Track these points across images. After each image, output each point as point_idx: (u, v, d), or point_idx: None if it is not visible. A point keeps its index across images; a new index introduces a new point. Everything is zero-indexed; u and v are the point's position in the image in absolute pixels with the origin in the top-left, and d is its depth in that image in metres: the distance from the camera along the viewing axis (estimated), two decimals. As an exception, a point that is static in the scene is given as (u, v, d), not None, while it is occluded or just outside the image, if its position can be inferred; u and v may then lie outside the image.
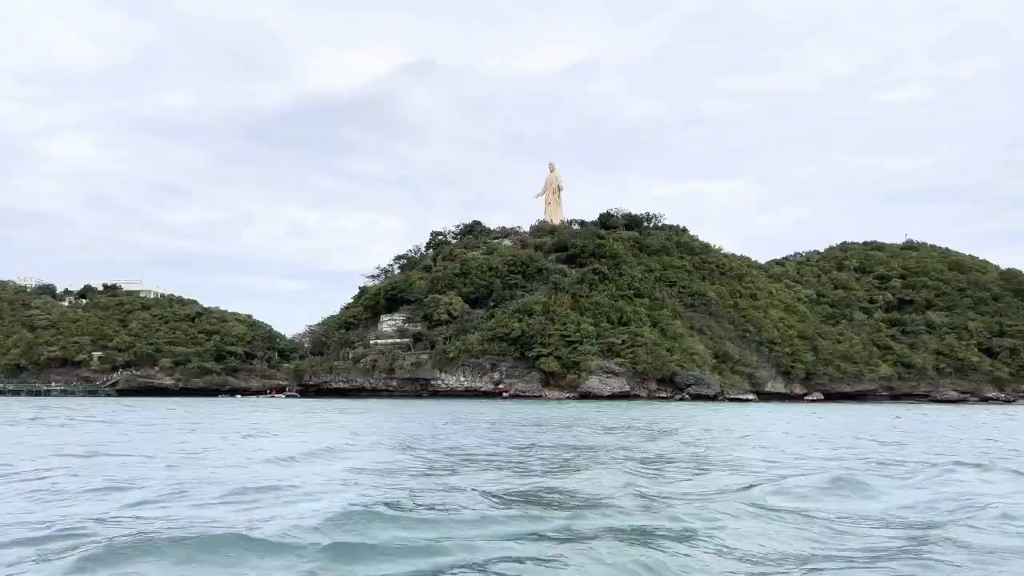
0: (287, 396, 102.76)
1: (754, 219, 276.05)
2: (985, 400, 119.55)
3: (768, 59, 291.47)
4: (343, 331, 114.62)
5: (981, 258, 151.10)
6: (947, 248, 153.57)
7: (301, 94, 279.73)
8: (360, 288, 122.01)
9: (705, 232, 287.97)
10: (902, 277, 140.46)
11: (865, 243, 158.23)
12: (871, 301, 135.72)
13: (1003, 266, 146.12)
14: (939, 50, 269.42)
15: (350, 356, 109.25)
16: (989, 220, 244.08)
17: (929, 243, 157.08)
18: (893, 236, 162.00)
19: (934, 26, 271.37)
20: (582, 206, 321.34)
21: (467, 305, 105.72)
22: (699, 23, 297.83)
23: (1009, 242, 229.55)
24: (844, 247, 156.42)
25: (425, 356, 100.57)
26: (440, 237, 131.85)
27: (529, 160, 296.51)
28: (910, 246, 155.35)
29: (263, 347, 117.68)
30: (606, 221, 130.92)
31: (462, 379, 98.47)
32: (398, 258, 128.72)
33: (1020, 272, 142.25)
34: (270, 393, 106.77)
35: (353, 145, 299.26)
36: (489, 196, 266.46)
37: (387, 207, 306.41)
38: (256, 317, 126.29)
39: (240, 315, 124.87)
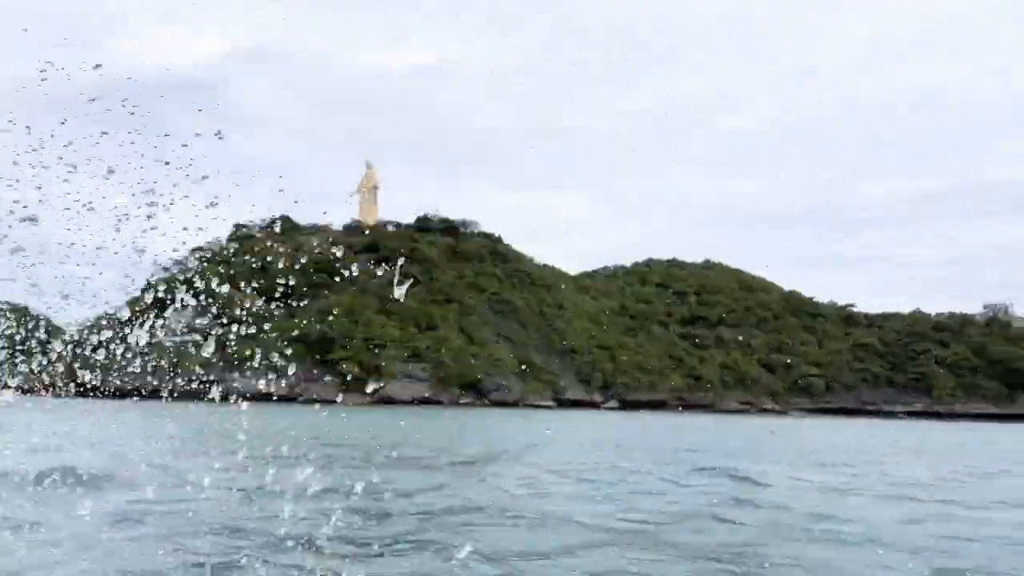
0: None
1: (595, 232, 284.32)
2: (763, 411, 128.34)
3: (620, 78, 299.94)
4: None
5: (770, 280, 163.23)
6: (739, 269, 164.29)
7: (122, 72, 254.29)
8: (147, 280, 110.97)
9: (545, 244, 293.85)
10: (697, 294, 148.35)
11: (668, 260, 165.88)
12: (668, 315, 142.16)
13: (823, 290, 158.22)
14: (777, 86, 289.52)
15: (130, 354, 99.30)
16: (816, 244, 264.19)
17: (724, 263, 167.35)
18: (720, 255, 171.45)
19: (774, 63, 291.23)
20: (419, 209, 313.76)
21: (265, 303, 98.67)
22: (555, 38, 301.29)
23: (826, 264, 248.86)
24: (648, 263, 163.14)
25: (214, 357, 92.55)
26: (244, 230, 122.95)
27: (375, 159, 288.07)
28: (707, 265, 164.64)
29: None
30: (423, 224, 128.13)
31: (253, 382, 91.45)
32: (195, 250, 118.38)
33: (799, 294, 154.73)
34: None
35: (177, 130, 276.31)
36: (329, 193, 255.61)
37: (216, 198, 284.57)
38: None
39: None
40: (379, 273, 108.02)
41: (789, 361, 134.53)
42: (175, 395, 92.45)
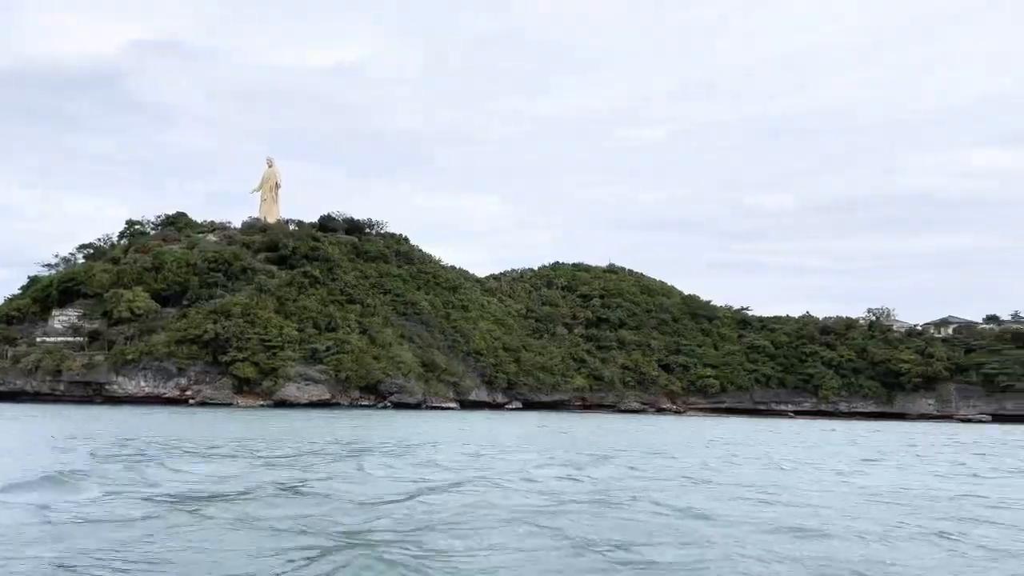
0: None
1: (506, 236, 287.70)
2: (661, 410, 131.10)
3: (530, 86, 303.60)
4: (3, 325, 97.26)
5: (670, 284, 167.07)
6: (641, 273, 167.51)
7: (18, 60, 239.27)
8: (30, 277, 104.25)
9: (457, 246, 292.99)
10: (601, 297, 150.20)
11: (574, 264, 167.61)
12: (573, 318, 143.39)
13: (717, 296, 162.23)
14: (676, 99, 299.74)
15: (9, 355, 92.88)
16: (705, 251, 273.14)
17: (627, 268, 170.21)
18: (623, 260, 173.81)
19: (675, 76, 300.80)
20: (334, 208, 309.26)
21: (156, 303, 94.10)
22: (468, 43, 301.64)
23: (716, 271, 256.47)
24: (555, 267, 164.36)
25: (100, 357, 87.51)
26: (137, 227, 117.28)
27: (288, 157, 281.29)
28: (611, 269, 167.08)
29: None
30: (326, 223, 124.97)
31: (143, 384, 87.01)
32: (83, 247, 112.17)
33: (697, 298, 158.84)
34: None
35: (79, 121, 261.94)
36: (241, 190, 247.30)
37: (119, 192, 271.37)
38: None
39: None
40: (280, 273, 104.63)
41: (686, 362, 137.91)
42: (58, 398, 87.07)
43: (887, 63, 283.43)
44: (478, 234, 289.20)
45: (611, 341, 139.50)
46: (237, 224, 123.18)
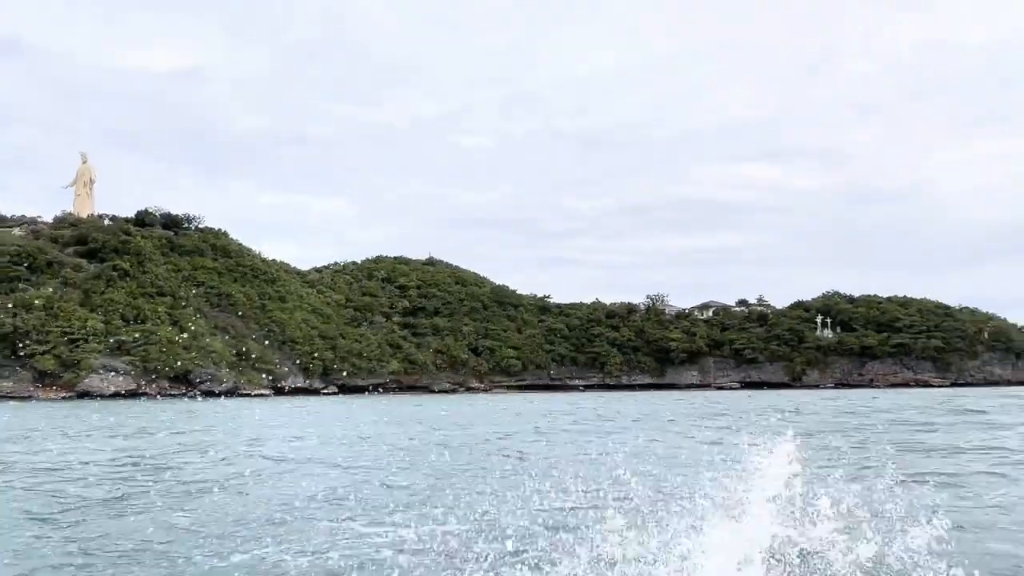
0: None
1: (351, 232, 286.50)
2: (470, 389, 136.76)
3: (367, 93, 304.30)
4: None
5: (483, 275, 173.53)
6: (457, 266, 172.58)
7: None
8: None
9: (307, 243, 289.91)
10: (418, 288, 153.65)
11: (396, 258, 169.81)
12: (391, 307, 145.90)
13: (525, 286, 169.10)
14: (501, 110, 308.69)
15: None
16: (527, 248, 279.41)
17: (444, 261, 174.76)
18: (453, 255, 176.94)
19: (496, 91, 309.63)
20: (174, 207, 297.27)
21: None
22: (307, 51, 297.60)
23: (537, 265, 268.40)
24: (377, 260, 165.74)
25: None
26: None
27: (130, 154, 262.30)
28: (430, 263, 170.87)
29: None
30: (143, 218, 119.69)
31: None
32: None
33: (506, 288, 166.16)
34: None
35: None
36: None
37: None
38: None
39: None
40: (88, 266, 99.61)
41: (493, 345, 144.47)
42: None
43: (678, 83, 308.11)
44: (324, 232, 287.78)
45: (426, 328, 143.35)
46: (48, 218, 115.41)
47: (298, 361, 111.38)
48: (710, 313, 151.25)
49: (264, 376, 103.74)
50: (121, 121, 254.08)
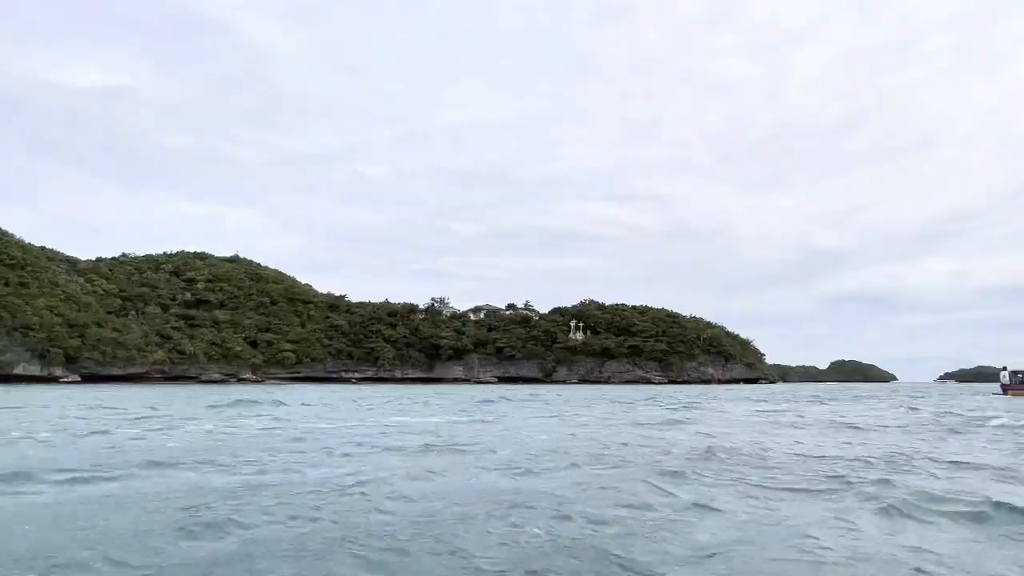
0: None
1: (261, 242, 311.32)
2: (242, 380, 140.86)
3: (279, 123, 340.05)
4: None
5: (290, 274, 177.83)
6: (259, 264, 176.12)
7: None
8: None
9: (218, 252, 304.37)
10: (209, 281, 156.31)
11: (196, 252, 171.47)
12: (173, 299, 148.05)
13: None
14: (393, 146, 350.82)
15: None
16: (411, 263, 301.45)
17: (250, 259, 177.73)
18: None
19: (394, 128, 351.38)
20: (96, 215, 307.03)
21: None
22: (228, 81, 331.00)
23: (418, 277, 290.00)
24: (172, 255, 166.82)
25: None
26: None
27: (54, 164, 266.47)
28: (231, 260, 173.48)
29: None
30: None
31: None
32: None
33: (300, 284, 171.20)
34: None
35: None
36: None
37: None
38: None
39: None
40: None
41: (271, 339, 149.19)
42: None
43: (537, 135, 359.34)
44: (235, 241, 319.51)
45: (205, 320, 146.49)
46: None
47: (32, 348, 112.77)
48: (482, 315, 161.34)
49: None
50: (48, 131, 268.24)
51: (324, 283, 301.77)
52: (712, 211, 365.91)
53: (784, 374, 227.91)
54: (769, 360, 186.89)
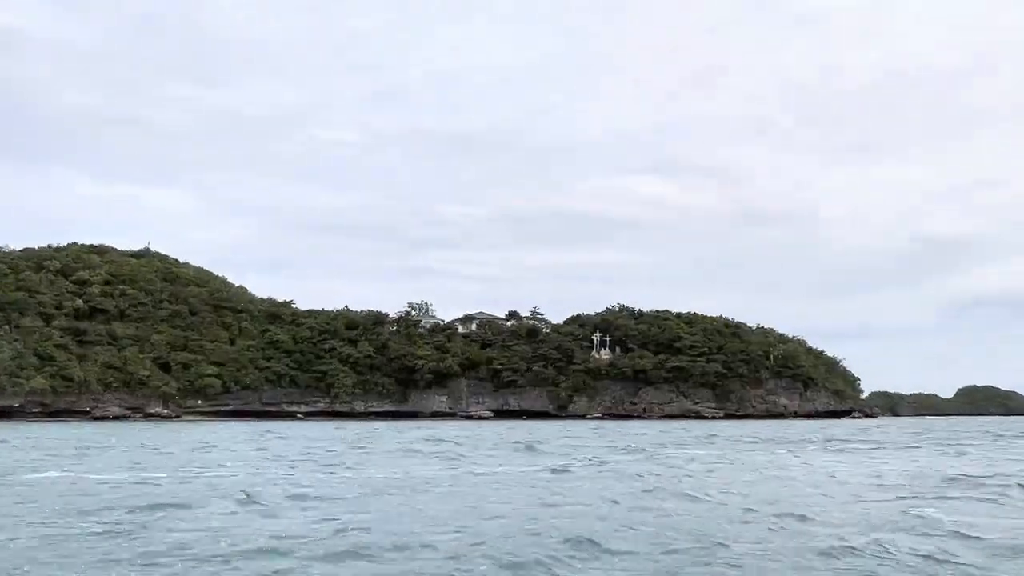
0: None
1: (189, 231, 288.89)
2: (148, 416, 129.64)
3: (213, 75, 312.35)
4: None
5: (218, 273, 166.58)
6: (177, 259, 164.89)
7: None
8: None
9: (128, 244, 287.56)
10: (106, 284, 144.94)
11: (92, 245, 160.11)
12: (58, 307, 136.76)
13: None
14: (364, 105, 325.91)
15: None
16: (382, 258, 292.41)
17: (163, 253, 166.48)
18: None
19: (363, 82, 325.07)
20: None
21: None
22: (144, 25, 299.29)
23: (397, 276, 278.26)
24: (60, 249, 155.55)
25: None
26: None
27: None
28: (140, 254, 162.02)
29: None
30: None
31: None
32: None
33: (232, 287, 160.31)
34: None
35: None
36: None
37: None
38: None
39: None
40: None
41: (189, 360, 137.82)
42: None
43: (563, 88, 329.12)
44: (148, 231, 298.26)
45: (100, 335, 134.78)
46: None
47: None
48: (474, 327, 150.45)
49: None
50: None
51: (264, 286, 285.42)
52: (791, 187, 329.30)
53: (893, 405, 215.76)
54: (869, 387, 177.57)
